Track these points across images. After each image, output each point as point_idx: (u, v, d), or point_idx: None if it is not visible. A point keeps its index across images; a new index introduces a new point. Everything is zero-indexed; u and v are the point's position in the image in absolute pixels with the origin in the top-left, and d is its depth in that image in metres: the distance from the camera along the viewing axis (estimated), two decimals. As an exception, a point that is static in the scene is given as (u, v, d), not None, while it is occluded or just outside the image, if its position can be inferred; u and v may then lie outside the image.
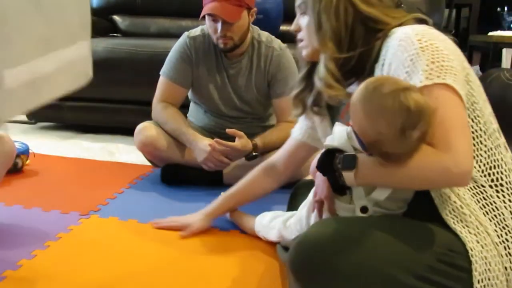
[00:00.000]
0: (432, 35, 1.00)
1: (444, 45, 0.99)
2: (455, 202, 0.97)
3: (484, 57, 4.70)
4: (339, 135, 1.04)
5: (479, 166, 1.00)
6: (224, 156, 1.92)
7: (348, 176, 0.98)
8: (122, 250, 1.49)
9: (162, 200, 1.92)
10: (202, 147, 1.92)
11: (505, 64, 3.87)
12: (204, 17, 1.94)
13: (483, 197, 0.99)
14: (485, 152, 1.00)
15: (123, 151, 2.60)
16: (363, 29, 1.08)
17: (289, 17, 2.96)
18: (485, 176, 1.00)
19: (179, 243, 1.54)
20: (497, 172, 1.00)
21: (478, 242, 0.95)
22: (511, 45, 3.65)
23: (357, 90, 0.96)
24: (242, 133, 1.93)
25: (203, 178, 2.06)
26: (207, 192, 1.99)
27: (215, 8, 1.87)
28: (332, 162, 1.00)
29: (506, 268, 0.95)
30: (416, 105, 0.90)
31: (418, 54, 0.96)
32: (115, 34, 3.32)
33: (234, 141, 1.92)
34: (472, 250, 0.94)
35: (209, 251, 1.50)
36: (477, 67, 4.39)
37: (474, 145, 1.00)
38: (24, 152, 2.19)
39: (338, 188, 1.03)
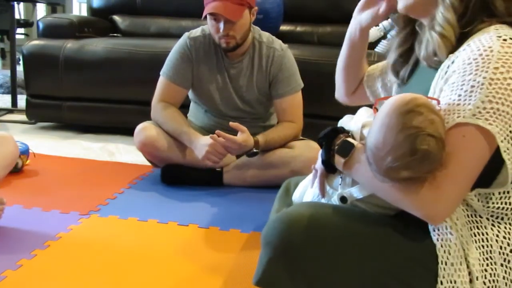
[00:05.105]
0: None
1: None
2: (446, 221, 0.94)
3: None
4: (358, 119, 1.04)
5: (486, 203, 0.95)
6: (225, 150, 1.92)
7: (338, 161, 1.01)
8: (122, 249, 1.49)
9: (162, 200, 1.92)
10: (203, 142, 1.92)
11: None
12: (205, 17, 1.94)
13: (477, 226, 0.95)
14: (498, 193, 0.94)
15: (123, 151, 2.60)
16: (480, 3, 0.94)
17: (289, 17, 2.98)
18: (487, 209, 0.95)
19: (179, 241, 1.55)
20: (502, 213, 0.95)
21: (449, 260, 0.93)
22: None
23: (396, 97, 0.90)
24: (244, 128, 1.92)
25: (203, 178, 2.06)
26: (207, 192, 1.99)
27: (217, 7, 1.87)
28: (333, 139, 1.02)
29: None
30: (423, 154, 0.85)
31: (483, 85, 0.85)
32: (115, 34, 3.32)
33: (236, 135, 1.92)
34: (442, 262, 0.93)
35: (209, 250, 1.51)
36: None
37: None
38: (24, 152, 2.18)
39: (328, 165, 1.05)
